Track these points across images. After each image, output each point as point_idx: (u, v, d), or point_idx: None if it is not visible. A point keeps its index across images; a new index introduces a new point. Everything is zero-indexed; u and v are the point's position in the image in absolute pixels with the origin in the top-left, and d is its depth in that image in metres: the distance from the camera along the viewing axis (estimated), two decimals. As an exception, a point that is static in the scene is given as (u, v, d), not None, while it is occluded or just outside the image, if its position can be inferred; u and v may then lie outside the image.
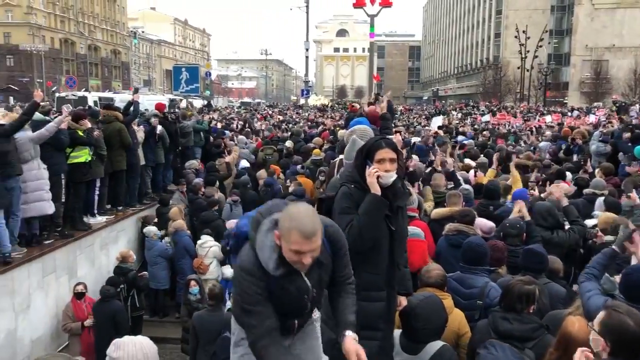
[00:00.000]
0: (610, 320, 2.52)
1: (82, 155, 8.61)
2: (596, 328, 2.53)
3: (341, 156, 5.28)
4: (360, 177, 3.24)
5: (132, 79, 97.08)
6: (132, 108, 10.59)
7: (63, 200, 8.43)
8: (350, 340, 2.59)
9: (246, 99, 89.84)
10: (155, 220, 10.39)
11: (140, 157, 10.71)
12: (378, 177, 3.17)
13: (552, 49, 68.85)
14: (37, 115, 8.01)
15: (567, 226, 5.51)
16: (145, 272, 9.11)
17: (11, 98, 63.49)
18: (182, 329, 7.74)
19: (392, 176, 3.20)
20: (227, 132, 16.38)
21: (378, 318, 3.26)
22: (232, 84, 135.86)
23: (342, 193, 3.28)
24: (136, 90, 12.85)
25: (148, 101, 23.73)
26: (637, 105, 33.42)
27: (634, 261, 3.71)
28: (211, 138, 14.22)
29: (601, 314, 2.59)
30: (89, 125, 8.81)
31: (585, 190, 7.45)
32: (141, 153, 10.83)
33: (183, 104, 23.47)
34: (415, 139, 14.05)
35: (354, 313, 2.74)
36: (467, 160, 10.60)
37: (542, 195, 6.12)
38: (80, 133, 8.53)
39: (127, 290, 8.49)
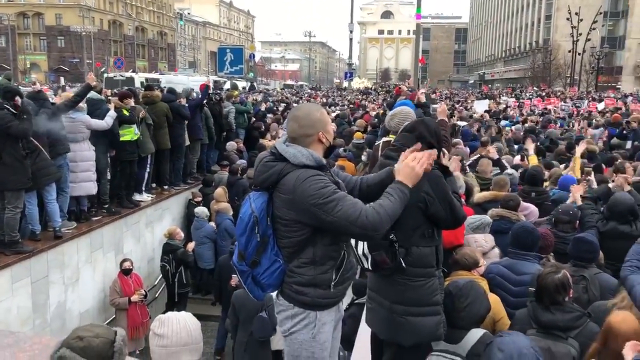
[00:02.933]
0: None
1: (128, 134, 8.80)
2: None
3: (384, 139, 5.21)
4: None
5: (178, 60, 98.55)
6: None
7: (109, 177, 8.66)
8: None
9: (289, 82, 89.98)
10: (200, 199, 10.57)
11: (185, 138, 10.88)
12: None
13: (606, 31, 65.98)
14: (93, 94, 8.29)
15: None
16: (192, 243, 9.19)
17: (62, 78, 65.54)
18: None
19: None
20: (269, 115, 16.45)
21: (435, 292, 3.23)
22: (276, 66, 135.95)
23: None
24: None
25: (193, 82, 24.02)
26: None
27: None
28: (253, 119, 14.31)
29: None
30: (133, 103, 8.99)
31: (634, 178, 7.15)
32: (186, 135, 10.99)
33: (227, 86, 23.64)
34: (461, 123, 13.80)
35: None
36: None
37: (610, 186, 5.84)
38: (125, 112, 8.72)
39: (175, 266, 8.67)
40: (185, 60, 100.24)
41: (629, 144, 11.37)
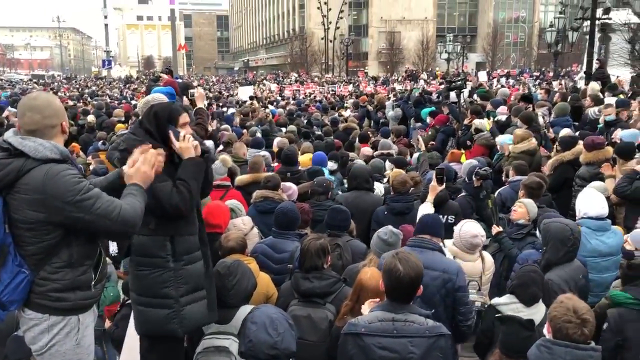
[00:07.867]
0: (385, 265, 2.88)
1: None
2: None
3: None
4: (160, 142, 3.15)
5: None
6: None
7: None
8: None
9: (39, 71, 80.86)
10: None
11: None
12: None
13: (352, 20, 72.70)
14: None
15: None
16: None
17: None
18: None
19: None
20: (11, 108, 14.60)
21: (201, 277, 3.26)
22: (20, 54, 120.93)
23: None
24: None
25: None
26: (425, 73, 37.30)
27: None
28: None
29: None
30: None
31: (375, 153, 8.12)
32: None
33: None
34: (231, 110, 14.03)
35: None
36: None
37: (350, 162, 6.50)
38: None
39: None
40: None
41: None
